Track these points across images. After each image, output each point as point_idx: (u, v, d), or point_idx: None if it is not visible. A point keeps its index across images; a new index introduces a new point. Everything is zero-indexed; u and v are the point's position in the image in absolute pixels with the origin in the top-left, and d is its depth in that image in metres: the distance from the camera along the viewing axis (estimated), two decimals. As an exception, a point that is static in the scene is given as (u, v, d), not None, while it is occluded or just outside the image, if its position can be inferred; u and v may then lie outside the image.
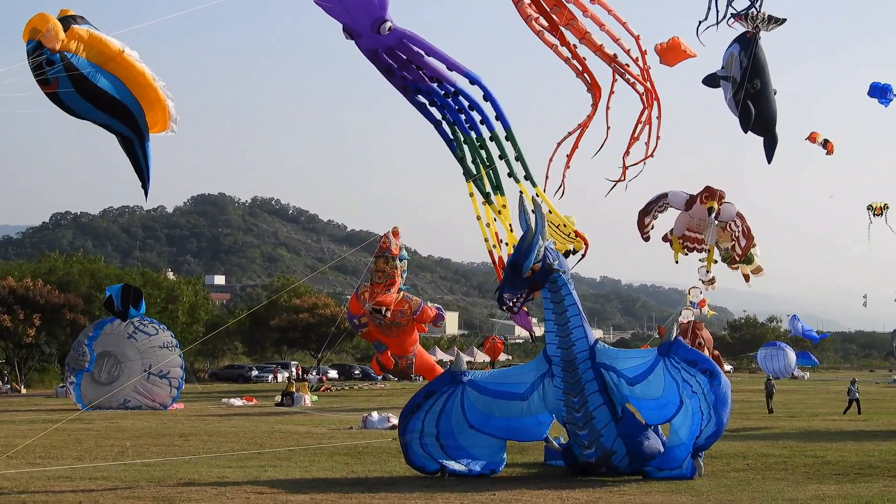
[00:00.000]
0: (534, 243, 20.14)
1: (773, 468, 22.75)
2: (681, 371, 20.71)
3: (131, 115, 19.27)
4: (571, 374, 21.26)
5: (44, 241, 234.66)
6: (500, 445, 22.92)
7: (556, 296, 21.05)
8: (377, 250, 59.40)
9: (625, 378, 21.40)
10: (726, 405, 20.25)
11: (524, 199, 20.72)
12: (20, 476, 21.86)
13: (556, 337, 21.27)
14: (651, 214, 53.54)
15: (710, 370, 20.34)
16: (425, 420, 22.14)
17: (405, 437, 22.16)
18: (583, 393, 21.26)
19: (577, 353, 21.23)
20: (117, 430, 34.29)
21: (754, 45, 29.14)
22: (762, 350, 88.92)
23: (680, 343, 21.13)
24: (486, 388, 22.42)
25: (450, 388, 22.36)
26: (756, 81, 29.43)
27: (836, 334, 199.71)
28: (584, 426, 21.34)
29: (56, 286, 76.96)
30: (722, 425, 20.23)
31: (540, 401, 22.28)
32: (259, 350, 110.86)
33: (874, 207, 58.67)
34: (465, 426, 22.34)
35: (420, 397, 22.51)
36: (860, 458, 24.67)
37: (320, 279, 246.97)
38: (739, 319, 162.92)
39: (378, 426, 35.20)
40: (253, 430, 34.57)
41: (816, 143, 51.41)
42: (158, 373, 48.11)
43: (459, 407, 22.29)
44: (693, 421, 20.64)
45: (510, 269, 20.34)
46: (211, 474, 22.35)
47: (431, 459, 22.07)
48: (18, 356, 77.08)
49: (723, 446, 27.48)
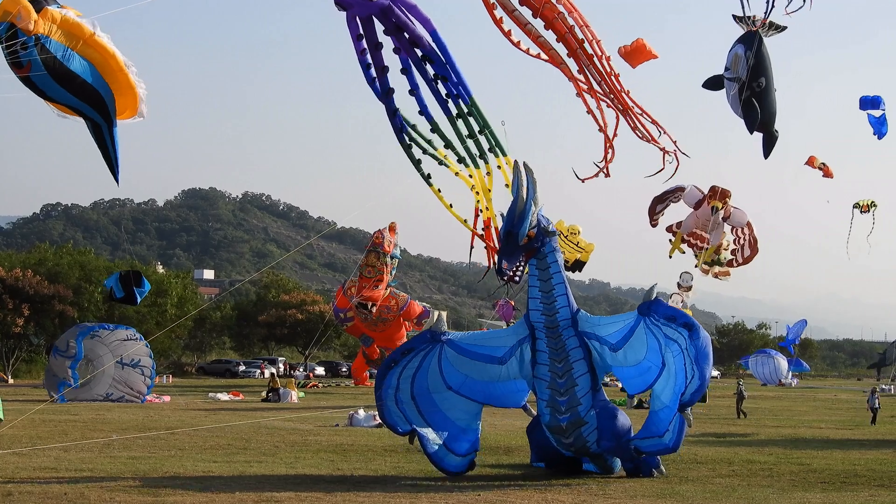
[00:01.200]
0: (527, 210, 20.12)
1: (758, 475, 22.78)
2: (662, 328, 20.79)
3: (102, 100, 18.80)
4: (555, 340, 21.42)
5: (34, 232, 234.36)
6: (477, 411, 22.92)
7: (542, 262, 21.13)
8: (369, 244, 59.34)
9: (607, 344, 21.55)
10: (708, 359, 20.21)
11: (518, 165, 20.60)
12: (6, 466, 21.83)
13: (541, 303, 21.38)
14: (665, 202, 53.71)
15: (689, 324, 20.39)
16: (401, 377, 22.16)
17: (380, 392, 22.18)
18: (567, 360, 21.44)
19: (560, 320, 21.37)
20: (103, 423, 34.25)
21: (759, 43, 29.16)
22: (753, 357, 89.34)
23: (659, 302, 21.15)
24: (465, 348, 22.44)
25: (428, 346, 22.39)
26: (761, 79, 29.42)
27: (824, 342, 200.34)
28: (565, 392, 21.48)
29: (45, 277, 76.88)
30: (705, 380, 20.15)
31: (517, 366, 22.32)
32: (247, 345, 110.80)
33: (861, 205, 58.63)
34: (442, 386, 22.34)
35: (398, 354, 22.64)
36: (846, 466, 24.71)
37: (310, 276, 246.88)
38: (728, 325, 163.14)
39: (364, 424, 35.17)
40: (239, 426, 34.52)
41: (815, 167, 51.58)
42: (130, 362, 48.81)
43: (437, 366, 22.33)
44: (676, 382, 20.55)
45: (505, 238, 20.29)
46: (196, 468, 22.36)
47: (404, 420, 22.05)
48: (6, 346, 76.96)
49: (708, 452, 27.56)
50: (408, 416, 22.06)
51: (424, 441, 21.74)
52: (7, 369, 74.78)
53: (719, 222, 52.12)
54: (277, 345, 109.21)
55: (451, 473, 21.95)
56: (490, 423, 37.99)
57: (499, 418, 38.34)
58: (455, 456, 22.12)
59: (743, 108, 29.64)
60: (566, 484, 20.90)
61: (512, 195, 20.40)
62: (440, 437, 21.92)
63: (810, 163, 52.20)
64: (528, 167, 20.51)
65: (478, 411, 22.96)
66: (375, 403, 22.58)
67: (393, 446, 27.78)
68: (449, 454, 22.05)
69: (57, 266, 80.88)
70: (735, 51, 29.58)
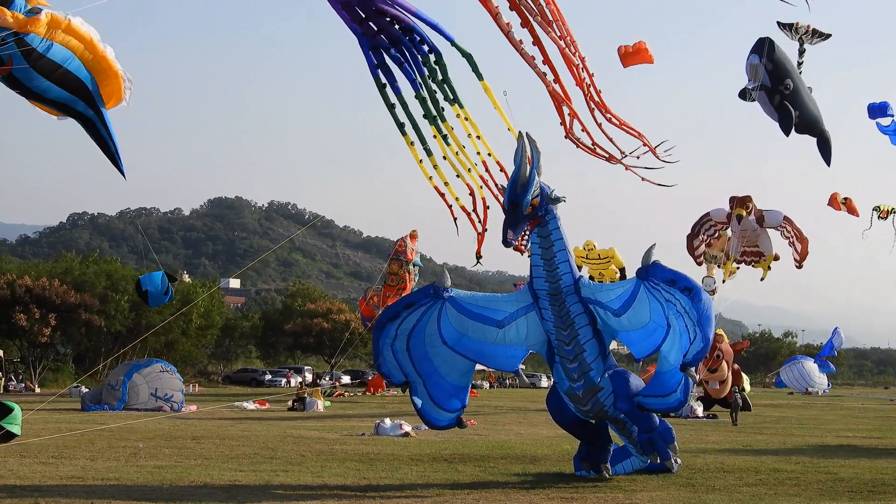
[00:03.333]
0: (531, 179, 20.06)
1: (785, 483, 22.66)
2: (661, 292, 20.71)
3: (87, 90, 18.39)
4: (559, 307, 21.45)
5: (60, 242, 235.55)
6: (469, 369, 23.18)
7: (544, 230, 21.09)
8: (392, 252, 59.55)
9: (610, 310, 21.53)
10: (710, 321, 20.09)
11: (522, 135, 20.50)
12: (33, 475, 21.91)
13: (544, 271, 21.36)
14: (699, 237, 53.81)
15: (689, 287, 20.26)
16: (399, 329, 22.31)
17: (379, 343, 22.42)
18: (573, 326, 21.52)
19: (563, 286, 21.37)
20: (130, 432, 34.34)
21: (770, 48, 29.09)
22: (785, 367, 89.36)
23: (657, 265, 21.05)
24: (466, 308, 22.49)
25: (430, 301, 22.50)
26: (787, 81, 29.35)
27: (850, 350, 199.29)
28: (574, 359, 21.63)
29: (72, 286, 77.33)
30: (708, 341, 20.05)
31: (516, 333, 22.41)
32: (273, 354, 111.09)
33: (881, 210, 58.37)
34: (437, 340, 22.50)
35: (400, 306, 22.77)
36: (874, 475, 24.54)
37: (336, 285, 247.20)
38: (754, 333, 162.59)
39: (390, 433, 35.16)
40: (265, 435, 34.57)
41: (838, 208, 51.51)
42: (164, 396, 50.44)
43: (436, 321, 22.47)
44: (682, 342, 20.53)
45: (510, 208, 20.17)
46: (223, 477, 22.37)
47: (399, 370, 22.41)
48: (33, 355, 77.36)
49: (735, 461, 27.44)
50: (402, 367, 22.44)
51: (416, 394, 22.37)
52: (34, 378, 75.15)
53: (755, 227, 52.16)
54: (303, 354, 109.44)
55: (437, 428, 23.00)
56: (516, 431, 38.02)
57: (525, 427, 38.31)
58: (443, 411, 22.61)
59: (777, 112, 29.59)
60: (593, 492, 20.85)
61: (515, 165, 20.31)
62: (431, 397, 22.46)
63: (833, 203, 52.23)
64: (530, 137, 20.38)
65: (470, 369, 23.27)
66: (372, 352, 22.85)
67: (419, 455, 27.78)
68: (437, 409, 22.56)
69: (83, 275, 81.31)
70: (750, 61, 29.52)
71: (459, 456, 27.82)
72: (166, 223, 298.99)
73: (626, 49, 28.57)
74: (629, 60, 28.65)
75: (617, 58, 28.06)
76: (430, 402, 22.43)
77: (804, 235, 52.90)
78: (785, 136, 29.93)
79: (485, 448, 30.57)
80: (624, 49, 28.59)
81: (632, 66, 28.63)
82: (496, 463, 25.72)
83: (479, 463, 26.20)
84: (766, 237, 52.75)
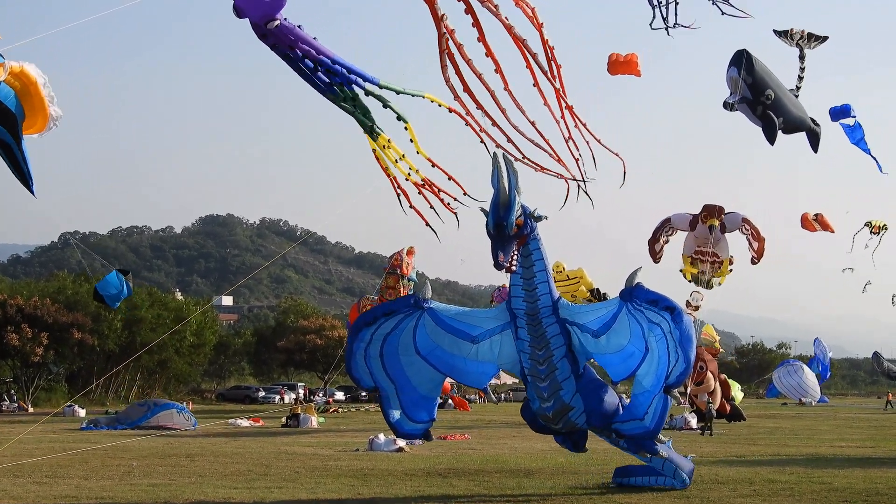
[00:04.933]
0: (512, 199, 20.07)
1: (780, 494, 22.70)
2: (645, 312, 20.74)
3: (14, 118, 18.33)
4: (536, 327, 21.42)
5: (52, 261, 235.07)
6: (439, 381, 23.27)
7: (525, 249, 21.08)
8: (388, 266, 59.75)
9: (589, 331, 21.52)
10: (691, 342, 20.13)
11: (497, 156, 20.51)
12: (27, 495, 21.89)
13: (522, 290, 21.33)
14: (659, 241, 54.02)
15: (671, 307, 20.31)
16: (375, 334, 22.29)
17: (353, 347, 22.38)
18: (548, 346, 21.47)
19: (541, 307, 21.35)
20: (123, 450, 34.30)
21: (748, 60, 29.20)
22: (778, 369, 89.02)
23: (641, 287, 21.08)
24: (443, 320, 22.52)
25: (410, 310, 22.48)
26: (768, 92, 29.46)
27: (844, 360, 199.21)
28: (545, 378, 21.58)
29: (64, 305, 77.21)
30: (690, 362, 20.07)
31: (489, 349, 22.44)
32: (266, 371, 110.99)
33: (872, 225, 58.80)
34: (411, 350, 22.51)
35: (379, 312, 22.73)
36: (867, 485, 24.59)
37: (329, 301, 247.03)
38: (747, 345, 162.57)
39: (384, 448, 35.15)
40: (259, 451, 34.56)
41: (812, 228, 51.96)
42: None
43: (412, 331, 22.47)
44: (659, 366, 20.57)
45: (496, 231, 20.19)
46: (217, 495, 22.37)
47: (369, 375, 22.38)
48: (26, 375, 77.22)
49: (730, 472, 27.48)
50: (373, 373, 22.40)
51: (385, 402, 22.34)
52: (27, 398, 75.02)
53: (720, 236, 52.48)
54: (297, 370, 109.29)
55: (404, 436, 23.28)
56: (510, 445, 38.02)
57: (519, 441, 38.29)
58: (410, 421, 22.57)
59: (761, 121, 29.70)
60: (587, 506, 20.89)
61: (493, 187, 20.31)
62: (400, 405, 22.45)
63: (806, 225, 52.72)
64: (506, 158, 20.40)
65: (439, 382, 23.35)
66: (345, 355, 22.80)
67: (414, 470, 27.79)
68: (405, 419, 22.51)
69: (75, 294, 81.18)
70: (730, 75, 29.62)
71: (454, 470, 27.83)
72: (158, 241, 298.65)
73: (618, 57, 28.64)
74: (617, 69, 28.72)
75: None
76: (401, 411, 22.45)
77: (761, 234, 53.20)
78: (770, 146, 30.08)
79: (479, 462, 30.58)
80: (615, 57, 28.66)
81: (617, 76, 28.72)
82: (491, 477, 25.73)
83: (473, 477, 26.21)
84: (724, 242, 53.10)
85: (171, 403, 54.45)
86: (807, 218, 53.33)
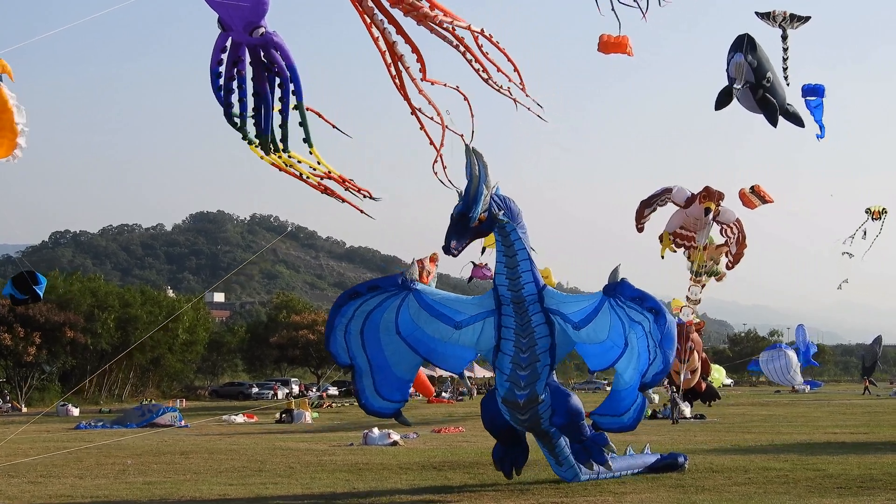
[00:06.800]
0: (479, 193, 20.05)
1: (774, 482, 22.71)
2: (627, 310, 20.73)
3: None
4: (521, 315, 21.41)
5: (44, 260, 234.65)
6: (416, 364, 23.14)
7: (506, 240, 21.07)
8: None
9: (571, 322, 21.54)
10: (672, 343, 20.17)
11: (468, 149, 20.49)
12: (22, 495, 21.85)
13: (507, 279, 21.33)
14: (652, 206, 53.97)
15: (654, 308, 20.27)
16: (358, 309, 22.13)
17: (333, 321, 22.23)
18: (532, 335, 21.44)
19: (525, 295, 21.34)
20: (118, 448, 34.26)
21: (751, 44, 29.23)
22: (764, 353, 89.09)
23: (625, 283, 21.10)
24: (429, 304, 22.40)
25: (395, 289, 22.31)
26: (769, 75, 29.54)
27: (837, 347, 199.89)
28: (527, 367, 21.48)
29: (56, 305, 77.14)
30: (668, 363, 20.12)
31: (471, 336, 22.35)
32: (259, 367, 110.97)
33: (872, 211, 58.93)
34: (392, 329, 22.39)
35: (364, 288, 22.51)
36: (862, 471, 24.62)
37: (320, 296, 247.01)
38: (740, 333, 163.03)
39: (379, 442, 35.16)
40: (254, 448, 34.55)
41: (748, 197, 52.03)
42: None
43: (395, 310, 22.33)
44: (639, 362, 20.64)
45: (459, 218, 20.13)
46: (212, 492, 22.36)
47: (346, 352, 22.20)
48: (19, 375, 77.15)
49: (724, 460, 27.52)
50: (351, 349, 22.24)
51: (358, 378, 22.28)
52: (20, 398, 74.97)
53: (709, 221, 52.45)
54: (290, 366, 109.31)
55: (374, 413, 22.76)
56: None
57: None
58: (383, 400, 22.57)
59: (760, 106, 29.71)
60: (583, 496, 20.89)
61: (466, 178, 20.30)
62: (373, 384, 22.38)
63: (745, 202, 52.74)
64: (476, 151, 20.37)
65: (416, 364, 23.21)
66: (325, 328, 22.68)
67: (408, 464, 27.80)
68: (375, 396, 22.48)
69: (67, 293, 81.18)
70: (735, 60, 29.61)
71: (449, 463, 27.85)
72: (149, 239, 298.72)
73: (609, 38, 28.65)
74: (608, 49, 28.70)
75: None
76: (373, 388, 22.40)
77: (745, 242, 53.30)
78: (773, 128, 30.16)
79: (474, 455, 30.60)
80: (607, 37, 28.66)
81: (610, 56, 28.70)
82: (486, 470, 25.70)
83: (468, 470, 26.23)
84: (707, 230, 53.00)
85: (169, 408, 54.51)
86: (744, 193, 53.44)
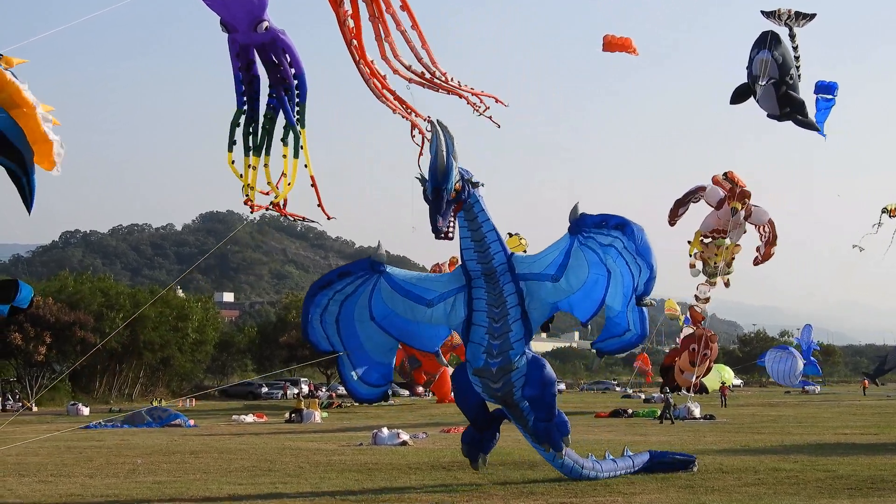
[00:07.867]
0: (449, 165, 20.03)
1: (784, 483, 22.70)
2: (596, 239, 21.09)
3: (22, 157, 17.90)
4: (493, 286, 21.58)
5: (54, 260, 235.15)
6: (392, 346, 23.35)
7: (470, 213, 21.07)
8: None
9: (547, 277, 21.72)
10: (649, 250, 20.56)
11: (435, 123, 20.47)
12: (33, 494, 21.91)
13: (475, 252, 21.41)
14: (686, 204, 54.37)
15: (619, 223, 20.71)
16: (332, 299, 22.38)
17: (307, 310, 22.49)
18: (504, 305, 21.60)
19: (496, 265, 21.47)
20: (128, 448, 34.33)
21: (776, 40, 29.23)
22: (771, 352, 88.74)
23: (585, 215, 21.31)
24: (399, 285, 22.58)
25: (366, 274, 22.52)
26: (792, 72, 29.54)
27: (846, 348, 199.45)
28: (499, 336, 21.65)
29: (66, 304, 77.23)
30: (653, 268, 20.49)
31: (443, 313, 22.48)
32: (268, 367, 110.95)
33: (889, 209, 58.66)
34: (366, 315, 22.61)
35: (334, 275, 22.76)
36: (872, 472, 24.59)
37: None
38: (749, 334, 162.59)
39: (388, 442, 35.19)
40: (263, 447, 34.58)
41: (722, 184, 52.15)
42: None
43: (368, 295, 22.55)
44: (624, 284, 21.05)
45: (434, 195, 20.13)
46: (222, 491, 22.38)
47: (326, 339, 22.52)
48: (29, 375, 77.28)
49: (734, 461, 27.49)
50: (329, 337, 22.56)
51: (343, 367, 22.62)
52: (31, 397, 75.08)
53: (741, 222, 52.76)
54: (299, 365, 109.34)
55: (362, 400, 23.27)
56: (514, 437, 37.92)
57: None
58: (367, 385, 22.90)
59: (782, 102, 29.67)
60: (593, 496, 20.88)
61: (431, 153, 20.27)
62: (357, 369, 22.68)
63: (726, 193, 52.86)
64: (442, 124, 20.34)
65: (393, 347, 23.42)
66: (301, 319, 22.89)
67: (417, 464, 27.81)
68: (361, 383, 22.82)
69: (77, 293, 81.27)
70: (759, 57, 29.54)
71: (458, 463, 27.81)
72: (158, 239, 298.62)
73: (613, 38, 28.66)
74: (613, 47, 28.71)
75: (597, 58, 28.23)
76: (357, 377, 22.68)
77: (776, 241, 53.49)
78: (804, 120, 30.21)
79: (483, 455, 30.54)
80: (611, 37, 28.68)
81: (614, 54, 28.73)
82: (495, 469, 25.67)
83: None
84: (740, 231, 53.36)
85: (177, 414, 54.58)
86: (717, 180, 53.68)
